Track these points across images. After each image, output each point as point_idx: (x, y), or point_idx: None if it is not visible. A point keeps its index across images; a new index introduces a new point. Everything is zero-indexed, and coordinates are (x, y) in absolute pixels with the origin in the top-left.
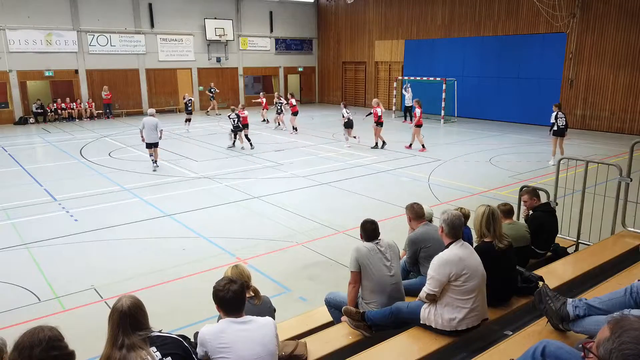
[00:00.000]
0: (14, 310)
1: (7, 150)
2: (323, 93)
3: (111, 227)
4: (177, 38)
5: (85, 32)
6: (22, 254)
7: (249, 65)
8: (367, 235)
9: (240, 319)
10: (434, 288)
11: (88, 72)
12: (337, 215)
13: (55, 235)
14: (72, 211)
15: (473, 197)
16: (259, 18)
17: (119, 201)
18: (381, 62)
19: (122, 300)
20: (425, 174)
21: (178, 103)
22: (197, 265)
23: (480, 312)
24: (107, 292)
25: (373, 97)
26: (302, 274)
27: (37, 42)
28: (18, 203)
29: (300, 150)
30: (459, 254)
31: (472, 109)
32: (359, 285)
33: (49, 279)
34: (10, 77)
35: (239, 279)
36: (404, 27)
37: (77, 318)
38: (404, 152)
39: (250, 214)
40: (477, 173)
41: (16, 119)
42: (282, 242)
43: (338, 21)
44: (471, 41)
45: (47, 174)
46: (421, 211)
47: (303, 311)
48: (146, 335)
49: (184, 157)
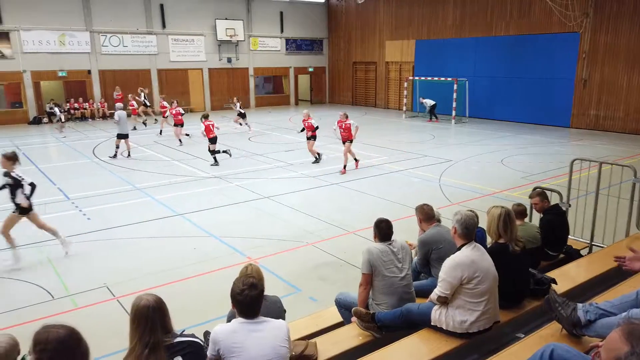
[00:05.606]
0: (28, 308)
1: (22, 150)
2: (333, 93)
3: (123, 226)
4: (188, 38)
5: (97, 33)
6: (35, 252)
7: (260, 65)
8: (381, 235)
9: (253, 320)
10: (446, 290)
11: (100, 72)
12: (347, 216)
13: (69, 233)
14: (85, 210)
15: (485, 198)
16: (269, 18)
17: (131, 200)
18: (392, 62)
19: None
20: (436, 175)
21: (189, 103)
22: (208, 265)
23: (492, 314)
24: (119, 291)
25: (384, 97)
26: (312, 274)
27: (50, 43)
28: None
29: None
30: (471, 257)
31: (483, 109)
32: (370, 287)
33: (62, 277)
34: (25, 77)
35: (260, 284)
36: (414, 27)
37: (89, 316)
38: (414, 153)
39: (261, 214)
40: (488, 174)
41: (30, 119)
42: (293, 242)
43: (349, 21)
44: (483, 41)
45: (61, 173)
46: (431, 212)
47: (313, 311)
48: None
49: (195, 157)
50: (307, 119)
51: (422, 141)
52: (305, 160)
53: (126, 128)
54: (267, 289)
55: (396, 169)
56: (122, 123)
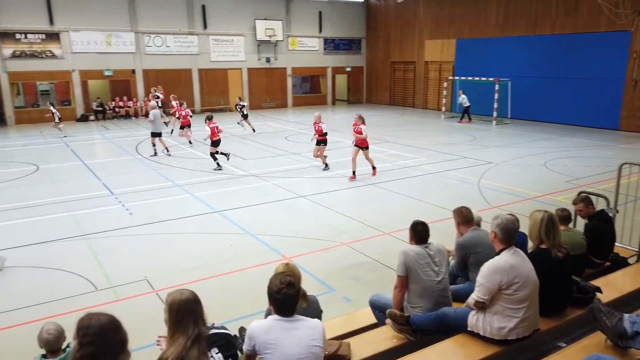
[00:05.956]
0: (72, 298)
1: (70, 146)
2: (371, 93)
3: (163, 222)
4: (228, 39)
5: (142, 34)
6: (82, 244)
7: (298, 65)
8: (417, 237)
9: (289, 319)
10: (483, 296)
11: (144, 71)
12: (382, 217)
13: (112, 227)
14: (127, 205)
15: (526, 202)
16: (308, 18)
17: (171, 196)
18: (431, 61)
19: (186, 292)
20: (476, 177)
21: (228, 102)
22: (243, 261)
23: (532, 321)
24: (158, 284)
25: (422, 97)
26: (346, 274)
27: (97, 43)
28: (79, 196)
29: (346, 151)
30: (510, 262)
31: (526, 110)
32: (405, 290)
33: (105, 269)
34: (73, 76)
35: (298, 283)
36: (455, 26)
37: (129, 307)
38: (453, 154)
39: (296, 213)
40: (531, 177)
41: (78, 116)
42: (327, 242)
43: (388, 21)
44: (526, 40)
45: (105, 168)
46: (470, 215)
47: (347, 311)
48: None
49: (233, 155)
50: (318, 122)
51: (461, 142)
52: (341, 160)
53: (159, 126)
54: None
55: (434, 171)
56: (156, 122)
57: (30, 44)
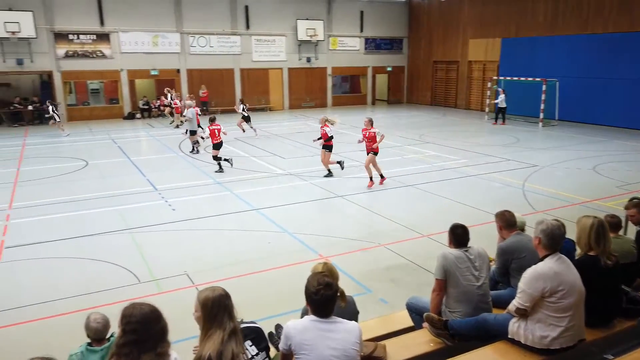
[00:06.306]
0: (117, 289)
1: (117, 143)
2: (412, 93)
3: (204, 218)
4: (270, 39)
5: (187, 34)
6: (126, 238)
7: (338, 65)
8: (456, 240)
9: (326, 320)
10: (525, 302)
11: (188, 71)
12: (421, 219)
13: (155, 222)
14: (170, 201)
15: (574, 208)
16: (349, 18)
17: (212, 194)
18: (475, 61)
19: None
20: (520, 180)
21: (269, 102)
22: (280, 259)
23: (577, 331)
24: (198, 279)
25: (465, 97)
26: (383, 275)
27: (144, 44)
28: (124, 191)
29: (385, 151)
30: (554, 268)
31: (575, 111)
32: (443, 293)
33: (148, 262)
34: (122, 75)
35: (335, 284)
36: (501, 24)
37: (171, 300)
38: (496, 156)
39: (334, 212)
40: (578, 181)
41: (125, 114)
42: (364, 242)
43: (430, 20)
44: (577, 39)
45: (150, 165)
46: (513, 219)
47: (383, 313)
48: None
49: (272, 154)
50: (323, 126)
51: (504, 144)
52: (380, 160)
53: (195, 124)
54: None
55: (475, 173)
56: (193, 120)
57: (82, 45)
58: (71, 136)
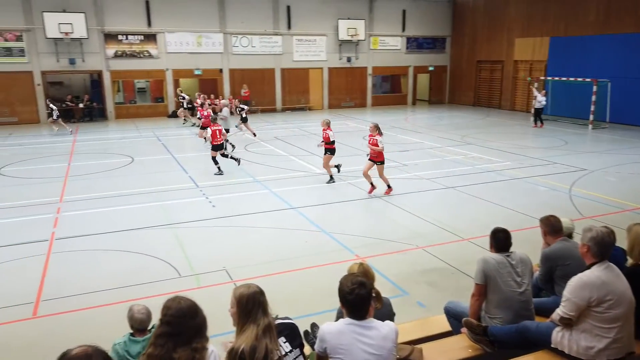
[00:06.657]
0: (158, 282)
1: (161, 140)
2: (454, 93)
3: (243, 215)
4: (311, 38)
5: (230, 34)
6: (168, 233)
7: (378, 64)
8: (497, 245)
9: (362, 323)
10: (570, 312)
11: (231, 71)
12: (462, 222)
13: (196, 218)
14: (210, 198)
15: (625, 214)
16: (391, 17)
17: (251, 191)
18: (521, 61)
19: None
20: (567, 185)
21: (309, 102)
22: (317, 258)
23: (626, 343)
24: (236, 275)
25: (509, 98)
26: (421, 278)
27: (189, 44)
28: (167, 187)
29: (426, 152)
30: (602, 277)
31: (628, 114)
32: (483, 299)
33: (189, 257)
34: (167, 75)
35: (369, 283)
36: (549, 23)
37: (210, 295)
38: (542, 159)
39: (372, 213)
40: (630, 186)
41: (169, 113)
42: (402, 244)
43: (475, 18)
44: (632, 38)
45: (192, 162)
46: (558, 225)
47: (420, 317)
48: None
49: (310, 154)
50: (326, 129)
51: (551, 147)
52: (420, 161)
53: (230, 123)
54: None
55: (520, 176)
56: (228, 119)
57: (130, 45)
58: (118, 133)
